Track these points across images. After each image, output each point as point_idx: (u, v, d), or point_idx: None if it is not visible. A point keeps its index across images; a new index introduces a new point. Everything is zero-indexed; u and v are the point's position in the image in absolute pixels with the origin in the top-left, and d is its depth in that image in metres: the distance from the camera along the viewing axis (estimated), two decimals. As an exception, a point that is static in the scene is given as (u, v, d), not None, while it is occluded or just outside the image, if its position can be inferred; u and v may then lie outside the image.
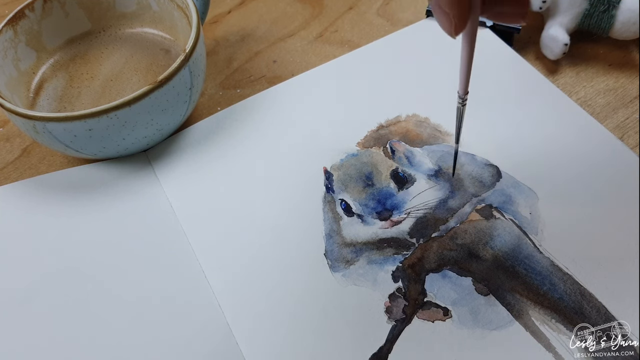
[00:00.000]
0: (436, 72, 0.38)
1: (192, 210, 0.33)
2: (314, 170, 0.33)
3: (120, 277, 0.30)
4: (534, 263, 0.28)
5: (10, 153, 0.38)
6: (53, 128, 0.30)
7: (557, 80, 0.38)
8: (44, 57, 0.38)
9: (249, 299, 0.29)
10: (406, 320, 0.27)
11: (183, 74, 0.32)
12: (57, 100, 0.36)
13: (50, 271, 0.30)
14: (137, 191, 0.34)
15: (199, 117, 0.38)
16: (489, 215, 0.30)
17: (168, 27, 0.39)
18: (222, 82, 0.41)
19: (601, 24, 0.37)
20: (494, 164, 0.32)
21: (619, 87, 0.37)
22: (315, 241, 0.30)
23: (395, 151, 0.34)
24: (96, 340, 0.28)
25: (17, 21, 0.35)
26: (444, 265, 0.29)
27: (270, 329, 0.28)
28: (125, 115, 0.31)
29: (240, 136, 0.36)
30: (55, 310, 0.29)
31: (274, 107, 0.37)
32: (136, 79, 0.37)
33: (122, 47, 0.39)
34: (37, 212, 0.33)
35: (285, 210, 0.32)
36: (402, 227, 0.30)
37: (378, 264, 0.29)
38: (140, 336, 0.28)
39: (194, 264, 0.30)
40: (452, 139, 0.34)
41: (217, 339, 0.28)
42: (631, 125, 0.35)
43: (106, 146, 0.33)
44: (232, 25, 0.45)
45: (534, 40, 0.40)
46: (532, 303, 0.27)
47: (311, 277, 0.29)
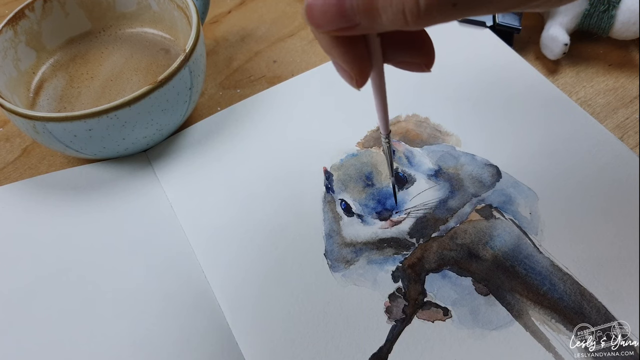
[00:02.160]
0: (436, 72, 0.38)
1: (192, 210, 0.33)
2: (314, 170, 0.33)
3: (120, 277, 0.30)
4: (533, 263, 0.28)
5: (10, 153, 0.38)
6: (53, 128, 0.30)
7: (557, 80, 0.38)
8: (44, 57, 0.38)
9: (249, 299, 0.29)
10: (406, 320, 0.27)
11: (183, 74, 0.32)
12: (57, 100, 0.36)
13: (50, 271, 0.30)
14: (137, 191, 0.34)
15: (199, 117, 0.38)
16: (489, 215, 0.30)
17: (168, 27, 0.39)
18: (222, 82, 0.41)
19: (601, 24, 0.37)
20: (494, 164, 0.32)
21: (619, 87, 0.37)
22: (315, 241, 0.30)
23: (395, 151, 0.33)
24: (96, 339, 0.28)
25: (17, 21, 0.35)
26: (444, 265, 0.29)
27: (270, 329, 0.28)
28: (125, 115, 0.31)
29: (240, 136, 0.36)
30: (55, 309, 0.29)
31: (274, 107, 0.37)
32: (136, 79, 0.37)
33: (122, 47, 0.39)
34: (37, 212, 0.33)
35: (285, 210, 0.32)
36: (402, 227, 0.30)
37: (378, 264, 0.29)
38: (140, 336, 0.28)
39: (194, 264, 0.30)
40: (452, 139, 0.34)
41: (217, 339, 0.28)
42: (631, 125, 0.35)
43: (106, 146, 0.33)
44: (232, 25, 0.45)
45: (534, 40, 0.40)
46: (532, 303, 0.27)
47: (311, 277, 0.29)
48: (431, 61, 0.22)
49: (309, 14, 0.18)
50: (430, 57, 0.22)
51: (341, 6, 0.17)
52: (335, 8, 0.17)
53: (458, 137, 0.34)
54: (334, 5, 0.17)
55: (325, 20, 0.18)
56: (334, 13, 0.17)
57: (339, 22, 0.18)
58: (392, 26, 0.17)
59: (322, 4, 0.17)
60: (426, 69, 0.22)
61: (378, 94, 0.23)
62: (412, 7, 0.16)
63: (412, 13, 0.16)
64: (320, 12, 0.18)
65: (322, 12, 0.18)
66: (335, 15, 0.17)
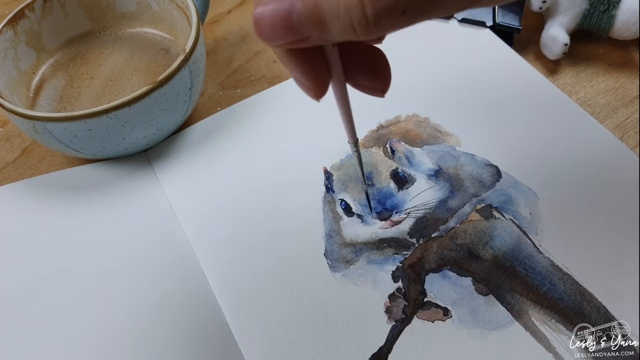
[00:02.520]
0: (436, 71, 0.38)
1: (192, 210, 0.33)
2: (314, 170, 0.33)
3: (120, 277, 0.30)
4: (533, 263, 0.28)
5: (10, 153, 0.38)
6: (53, 128, 0.30)
7: (557, 80, 0.38)
8: (44, 57, 0.38)
9: (248, 299, 0.29)
10: (406, 320, 0.27)
11: (183, 74, 0.32)
12: (57, 100, 0.36)
13: (50, 271, 0.30)
14: (137, 191, 0.34)
15: (199, 117, 0.38)
16: (489, 215, 0.30)
17: (168, 27, 0.39)
18: (222, 82, 0.41)
19: (601, 24, 0.37)
20: (494, 164, 0.32)
21: (619, 87, 0.37)
22: (315, 241, 0.30)
23: (395, 151, 0.34)
24: (96, 339, 0.28)
25: (17, 21, 0.35)
26: (444, 265, 0.29)
27: (270, 329, 0.28)
28: (125, 115, 0.31)
29: (240, 136, 0.36)
30: (55, 310, 0.29)
31: (274, 107, 0.37)
32: (136, 79, 0.37)
33: (122, 47, 0.39)
34: (37, 212, 0.33)
35: (285, 210, 0.32)
36: (402, 227, 0.30)
37: (378, 264, 0.29)
38: (140, 336, 0.28)
39: (194, 264, 0.30)
40: (452, 139, 0.34)
41: (217, 339, 0.28)
42: (631, 125, 0.35)
43: (106, 146, 0.33)
44: (232, 25, 0.45)
45: (534, 40, 0.40)
46: (532, 303, 0.27)
47: (311, 277, 0.29)
48: (386, 87, 0.22)
49: (257, 28, 0.17)
50: (386, 82, 0.22)
51: (288, 20, 0.17)
52: (282, 22, 0.17)
53: (458, 137, 0.34)
54: (280, 20, 0.17)
55: (273, 34, 0.17)
56: (282, 27, 0.17)
57: (287, 36, 0.17)
58: (342, 37, 0.17)
59: (269, 17, 0.17)
60: (381, 94, 0.22)
61: (341, 104, 0.22)
62: (360, 19, 0.16)
63: (360, 25, 0.16)
64: (268, 27, 0.17)
65: (269, 26, 0.17)
66: (283, 29, 0.17)
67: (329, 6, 0.16)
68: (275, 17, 0.17)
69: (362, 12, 0.15)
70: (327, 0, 0.16)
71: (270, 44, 0.18)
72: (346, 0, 0.16)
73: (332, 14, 0.16)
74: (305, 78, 0.19)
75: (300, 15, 0.16)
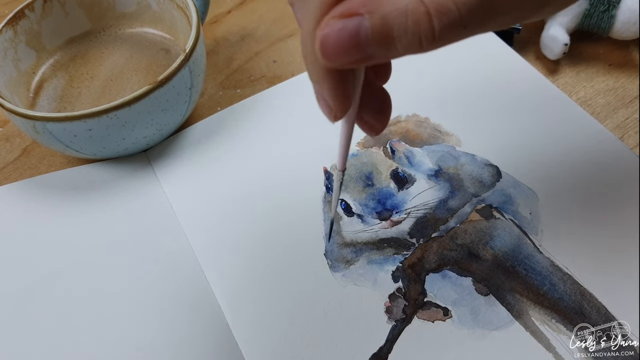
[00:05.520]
0: (436, 72, 0.38)
1: (192, 210, 0.33)
2: (314, 170, 0.33)
3: (120, 277, 0.30)
4: (534, 263, 0.28)
5: (10, 153, 0.38)
6: (53, 128, 0.30)
7: (557, 80, 0.38)
8: (44, 57, 0.38)
9: (249, 299, 0.29)
10: (406, 320, 0.27)
11: (183, 73, 0.32)
12: (57, 100, 0.36)
13: (50, 271, 0.30)
14: (137, 191, 0.34)
15: (199, 117, 0.38)
16: (489, 215, 0.30)
17: (168, 27, 0.39)
18: (222, 82, 0.41)
19: (601, 24, 0.37)
20: (494, 164, 0.32)
21: (619, 87, 0.37)
22: (315, 241, 0.30)
23: (395, 151, 0.34)
24: (96, 339, 0.28)
25: (17, 21, 0.35)
26: (444, 265, 0.29)
27: (270, 329, 0.28)
28: (125, 115, 0.31)
29: (241, 136, 0.36)
30: (55, 310, 0.29)
31: (274, 107, 0.37)
32: (136, 79, 0.37)
33: (122, 47, 0.39)
34: (37, 212, 0.33)
35: (285, 210, 0.32)
36: (402, 227, 0.30)
37: (378, 264, 0.29)
38: (140, 336, 0.28)
39: (194, 264, 0.30)
40: (452, 139, 0.34)
41: (217, 339, 0.28)
42: (631, 125, 0.35)
43: (106, 146, 0.33)
44: (232, 25, 0.45)
45: (534, 40, 0.40)
46: (532, 303, 0.27)
47: (311, 277, 0.29)
48: (383, 127, 0.23)
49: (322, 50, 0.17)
50: (384, 122, 0.23)
51: (355, 38, 0.16)
52: (349, 41, 0.17)
53: (458, 137, 0.34)
54: (347, 39, 0.16)
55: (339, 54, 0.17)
56: (349, 47, 0.17)
57: (353, 55, 0.17)
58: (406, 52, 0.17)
59: (336, 38, 0.17)
60: (375, 133, 0.23)
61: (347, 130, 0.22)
62: (427, 33, 0.16)
63: (427, 38, 0.16)
64: (334, 47, 0.17)
65: (336, 46, 0.17)
66: (350, 48, 0.17)
67: (396, 21, 0.16)
68: (342, 37, 0.17)
69: (429, 25, 0.16)
70: (394, 16, 0.16)
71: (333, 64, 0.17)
72: (414, 15, 0.16)
73: (399, 29, 0.16)
74: (333, 99, 0.19)
75: (369, 32, 0.16)
